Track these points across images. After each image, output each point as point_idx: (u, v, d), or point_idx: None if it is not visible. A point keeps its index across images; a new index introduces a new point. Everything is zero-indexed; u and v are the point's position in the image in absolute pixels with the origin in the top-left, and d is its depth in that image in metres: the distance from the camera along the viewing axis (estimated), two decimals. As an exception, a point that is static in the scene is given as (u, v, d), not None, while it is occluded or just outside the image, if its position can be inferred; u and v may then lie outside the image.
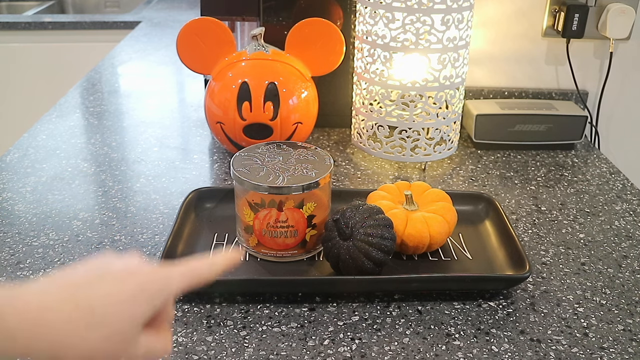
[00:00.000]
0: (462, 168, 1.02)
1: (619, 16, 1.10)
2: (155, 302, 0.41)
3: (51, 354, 0.37)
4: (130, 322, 0.40)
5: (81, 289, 0.39)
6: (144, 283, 0.41)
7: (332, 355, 0.61)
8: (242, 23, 1.10)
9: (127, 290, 0.40)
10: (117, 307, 0.39)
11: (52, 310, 0.37)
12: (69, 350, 0.37)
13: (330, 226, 0.71)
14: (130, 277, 0.41)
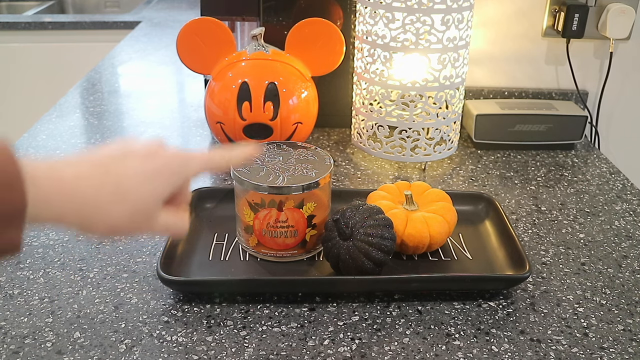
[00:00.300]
0: (462, 168, 1.02)
1: (619, 16, 1.10)
2: (174, 181, 0.45)
3: (80, 222, 0.41)
4: (151, 198, 0.43)
5: (110, 166, 0.42)
6: (165, 163, 0.44)
7: (332, 355, 0.61)
8: (242, 23, 1.10)
9: (149, 169, 0.43)
10: (140, 184, 0.42)
11: (85, 182, 0.40)
12: (96, 220, 0.41)
13: (330, 226, 0.71)
14: (152, 157, 0.44)
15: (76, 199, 0.40)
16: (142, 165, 0.43)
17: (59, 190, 0.39)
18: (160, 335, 0.63)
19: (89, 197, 0.41)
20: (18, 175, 0.37)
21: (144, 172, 0.43)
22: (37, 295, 0.69)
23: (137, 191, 0.43)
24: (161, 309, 0.67)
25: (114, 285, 0.71)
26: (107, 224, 0.42)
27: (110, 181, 0.41)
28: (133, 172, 0.43)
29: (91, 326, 0.64)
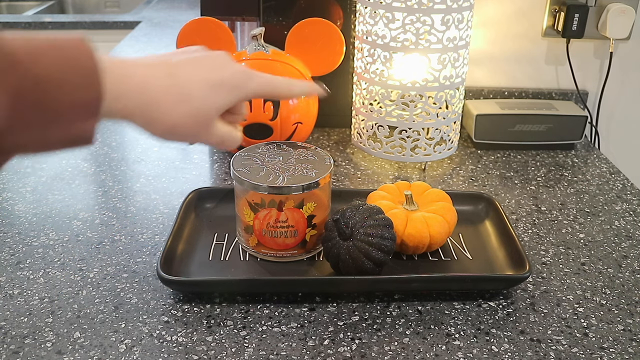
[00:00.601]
0: (462, 168, 1.02)
1: (619, 16, 1.10)
2: (235, 95, 0.48)
3: (144, 120, 0.43)
4: (212, 106, 0.46)
5: (178, 70, 0.45)
6: (230, 76, 0.48)
7: (332, 355, 0.61)
8: (242, 23, 1.10)
9: (215, 79, 0.47)
10: (204, 91, 0.45)
11: (153, 82, 0.43)
12: (159, 120, 0.44)
13: (330, 226, 0.71)
14: (218, 68, 0.47)
15: (144, 97, 0.42)
16: (209, 74, 0.46)
17: (130, 87, 0.41)
18: (160, 335, 0.63)
19: (156, 97, 0.43)
20: (96, 70, 0.38)
21: (210, 80, 0.46)
22: (37, 295, 0.69)
23: (200, 98, 0.45)
24: (161, 309, 0.67)
25: (114, 285, 0.71)
26: (168, 124, 0.44)
27: (177, 84, 0.44)
28: (199, 78, 0.46)
29: (91, 326, 0.64)
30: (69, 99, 0.37)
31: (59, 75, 0.36)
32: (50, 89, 0.36)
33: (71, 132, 0.38)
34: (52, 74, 0.36)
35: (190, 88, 0.45)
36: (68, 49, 0.37)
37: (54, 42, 0.37)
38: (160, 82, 0.44)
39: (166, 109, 0.44)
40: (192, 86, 0.45)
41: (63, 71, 0.36)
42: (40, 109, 0.36)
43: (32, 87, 0.35)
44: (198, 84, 0.46)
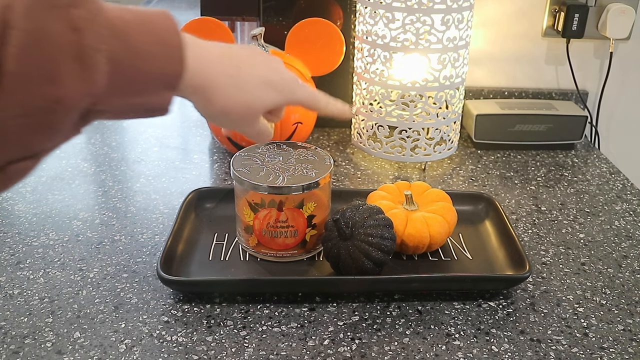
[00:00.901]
0: (462, 168, 1.02)
1: (619, 16, 1.10)
2: (282, 98, 0.53)
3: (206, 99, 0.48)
4: (262, 102, 0.52)
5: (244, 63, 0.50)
6: (282, 80, 0.53)
7: (332, 355, 0.61)
8: (242, 23, 1.10)
9: (270, 80, 0.52)
10: (259, 87, 0.51)
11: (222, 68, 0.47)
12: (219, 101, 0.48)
13: (330, 226, 0.71)
14: (275, 71, 0.53)
15: (212, 79, 0.47)
16: (266, 74, 0.52)
17: (203, 68, 0.46)
18: (160, 335, 0.63)
19: (221, 82, 0.48)
20: (181, 46, 0.41)
21: (266, 79, 0.52)
22: (37, 295, 0.69)
23: (255, 92, 0.51)
24: (161, 309, 0.67)
25: (114, 285, 0.71)
26: (225, 108, 0.49)
27: (240, 75, 0.49)
28: (257, 76, 0.51)
29: (91, 326, 0.64)
30: (155, 71, 0.40)
31: (150, 48, 0.39)
32: (141, 60, 0.38)
33: (151, 101, 0.41)
34: (143, 46, 0.38)
35: (250, 82, 0.50)
36: (157, 24, 0.40)
37: (145, 17, 0.39)
38: (227, 71, 0.48)
39: (226, 95, 0.48)
40: (252, 80, 0.50)
41: (153, 45, 0.39)
42: (130, 79, 0.38)
43: (127, 57, 0.37)
44: (256, 80, 0.51)
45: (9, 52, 0.30)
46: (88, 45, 0.34)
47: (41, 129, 0.33)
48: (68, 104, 0.33)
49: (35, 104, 0.32)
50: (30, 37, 0.31)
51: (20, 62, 0.31)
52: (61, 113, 0.33)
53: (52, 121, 0.33)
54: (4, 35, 0.30)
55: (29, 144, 0.33)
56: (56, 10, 0.33)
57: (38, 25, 0.32)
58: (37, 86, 0.32)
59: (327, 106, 0.59)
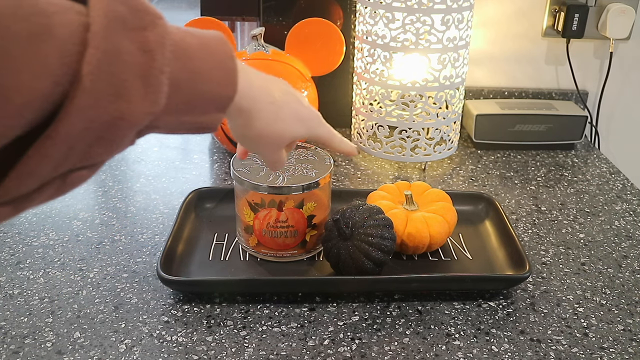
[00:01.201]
0: (462, 168, 1.02)
1: (619, 16, 1.10)
2: (305, 131, 0.57)
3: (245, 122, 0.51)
4: (290, 133, 0.55)
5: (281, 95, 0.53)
6: (309, 116, 0.57)
7: (332, 355, 0.61)
8: (242, 23, 1.10)
9: (302, 113, 0.56)
10: (293, 118, 0.54)
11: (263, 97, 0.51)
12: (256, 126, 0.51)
13: (330, 226, 0.71)
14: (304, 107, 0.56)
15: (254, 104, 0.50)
16: (298, 107, 0.55)
17: (249, 93, 0.49)
18: (160, 335, 0.63)
19: (261, 108, 0.51)
20: (235, 71, 0.44)
21: (298, 113, 0.55)
22: (37, 295, 0.69)
23: (287, 123, 0.54)
24: (161, 309, 0.67)
25: (114, 285, 0.71)
26: (260, 133, 0.52)
27: (277, 106, 0.52)
28: (292, 107, 0.54)
29: (91, 326, 0.64)
30: (211, 93, 0.42)
31: (208, 71, 0.41)
32: (199, 83, 0.41)
33: (202, 120, 0.43)
34: (202, 70, 0.41)
35: (286, 112, 0.54)
36: (216, 49, 0.42)
37: (205, 41, 0.42)
38: (267, 99, 0.51)
39: (265, 121, 0.52)
40: (287, 111, 0.54)
41: (211, 69, 0.42)
42: (187, 99, 0.41)
43: (186, 79, 0.40)
44: (290, 112, 0.54)
45: (86, 70, 0.32)
46: (155, 67, 0.36)
47: (103, 142, 0.35)
48: (131, 121, 0.36)
49: (102, 119, 0.34)
50: (106, 57, 0.33)
51: (95, 80, 0.33)
52: (124, 129, 0.35)
53: (114, 136, 0.35)
54: (83, 55, 0.32)
55: (89, 156, 0.35)
56: (130, 32, 0.35)
57: (113, 46, 0.34)
58: (106, 103, 0.34)
59: (340, 144, 0.62)
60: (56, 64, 0.31)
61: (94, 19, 0.33)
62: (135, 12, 0.36)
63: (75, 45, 0.32)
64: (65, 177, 0.36)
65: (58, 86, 0.32)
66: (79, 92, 0.32)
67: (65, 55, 0.32)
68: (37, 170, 0.33)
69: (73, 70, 0.32)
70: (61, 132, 0.32)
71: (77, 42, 0.32)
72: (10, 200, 0.33)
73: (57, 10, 0.32)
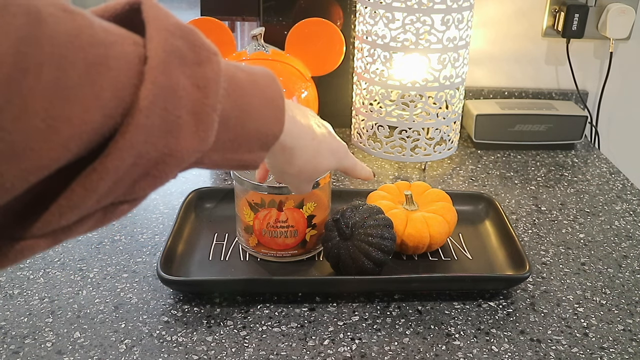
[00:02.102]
0: (462, 168, 1.02)
1: (619, 16, 1.10)
2: (335, 164, 0.58)
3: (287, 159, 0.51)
4: (325, 167, 0.56)
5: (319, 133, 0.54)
6: (339, 149, 0.58)
7: (332, 355, 0.61)
8: (242, 23, 1.10)
9: (334, 147, 0.57)
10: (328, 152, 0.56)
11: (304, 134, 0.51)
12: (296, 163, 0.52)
13: (330, 226, 0.71)
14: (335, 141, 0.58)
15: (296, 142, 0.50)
16: (331, 141, 0.56)
17: (293, 131, 0.48)
18: (160, 335, 0.63)
19: (303, 144, 0.51)
20: (283, 110, 0.44)
21: (331, 146, 0.56)
22: (37, 295, 0.69)
23: (324, 156, 0.55)
24: (161, 309, 0.67)
25: (114, 285, 0.71)
26: (300, 167, 0.53)
27: (316, 142, 0.53)
28: (327, 141, 0.55)
29: (91, 326, 0.64)
30: (257, 131, 0.41)
31: (258, 109, 0.41)
32: (246, 120, 0.40)
33: (245, 158, 0.42)
34: (252, 107, 0.40)
35: (323, 148, 0.55)
36: (266, 87, 0.42)
37: (255, 78, 0.41)
38: (309, 136, 0.52)
39: (305, 158, 0.52)
40: (324, 147, 0.55)
41: (261, 107, 0.41)
42: (234, 137, 0.39)
43: (235, 116, 0.39)
44: (326, 147, 0.55)
45: (141, 105, 0.31)
46: (208, 105, 0.35)
47: (149, 178, 0.34)
48: (180, 158, 0.34)
49: (151, 156, 0.33)
50: (162, 92, 0.32)
51: (149, 115, 0.31)
52: (171, 166, 0.34)
53: (161, 172, 0.34)
54: (139, 88, 0.31)
55: (133, 190, 0.34)
56: (187, 67, 0.34)
57: (170, 81, 0.32)
58: (157, 139, 0.32)
59: (362, 171, 0.63)
60: (109, 97, 0.30)
61: (151, 52, 0.32)
62: (192, 47, 0.34)
63: (131, 79, 0.31)
64: (107, 210, 0.35)
65: (109, 119, 0.30)
66: (132, 127, 0.31)
67: (120, 89, 0.30)
68: (80, 203, 0.31)
69: (127, 104, 0.31)
70: (109, 167, 0.31)
71: (133, 75, 0.31)
72: (49, 232, 0.32)
73: (115, 41, 0.31)
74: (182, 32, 0.34)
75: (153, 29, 0.33)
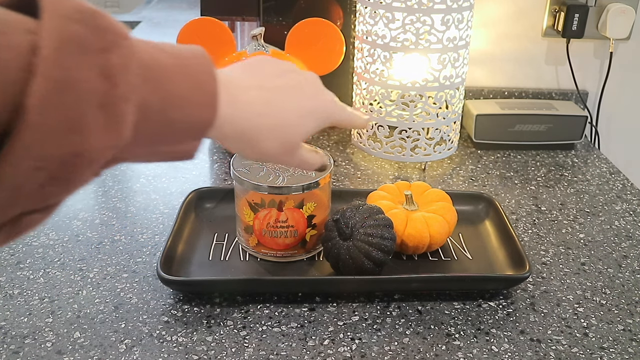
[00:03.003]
0: (462, 168, 1.02)
1: (619, 16, 1.10)
2: (321, 123, 0.49)
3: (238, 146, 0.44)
4: (301, 134, 0.47)
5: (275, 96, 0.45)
6: (319, 106, 0.49)
7: (332, 355, 0.61)
8: (242, 23, 1.10)
9: (307, 108, 0.47)
10: (297, 119, 0.46)
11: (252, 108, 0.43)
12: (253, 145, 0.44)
13: (330, 226, 0.71)
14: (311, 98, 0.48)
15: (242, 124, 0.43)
16: (301, 102, 0.47)
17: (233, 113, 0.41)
18: (160, 335, 0.63)
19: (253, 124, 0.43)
20: (216, 94, 0.38)
21: (302, 109, 0.47)
22: (37, 295, 0.69)
23: (292, 126, 0.46)
24: (161, 309, 0.67)
25: (114, 285, 0.71)
26: (260, 151, 0.45)
27: (272, 112, 0.44)
28: (292, 107, 0.46)
29: (91, 326, 0.64)
30: (186, 120, 0.37)
31: (184, 94, 0.36)
32: (172, 108, 0.36)
33: (177, 149, 0.39)
34: (177, 93, 0.36)
35: (284, 117, 0.45)
36: (194, 67, 0.37)
37: (181, 59, 0.37)
38: (257, 109, 0.44)
39: (260, 137, 0.44)
40: (286, 115, 0.46)
41: (187, 91, 0.36)
42: (157, 129, 0.36)
43: (157, 105, 0.35)
44: (291, 113, 0.46)
45: (31, 103, 0.27)
46: (118, 96, 0.31)
47: (58, 182, 0.31)
48: (89, 157, 0.31)
49: (54, 157, 0.29)
50: (57, 86, 0.28)
51: (43, 113, 0.28)
52: (81, 166, 0.31)
53: (71, 174, 0.31)
54: (28, 83, 0.28)
55: (43, 197, 0.31)
56: (87, 55, 0.30)
57: (67, 73, 0.29)
58: (58, 139, 0.29)
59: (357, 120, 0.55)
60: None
61: (44, 42, 0.28)
62: (96, 31, 0.30)
63: (20, 72, 0.27)
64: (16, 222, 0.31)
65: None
66: (24, 128, 0.27)
67: (9, 84, 0.27)
68: None
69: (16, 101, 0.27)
70: (6, 173, 0.28)
71: (23, 68, 0.27)
72: None
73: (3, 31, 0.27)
74: (82, 16, 0.30)
75: (47, 14, 0.29)
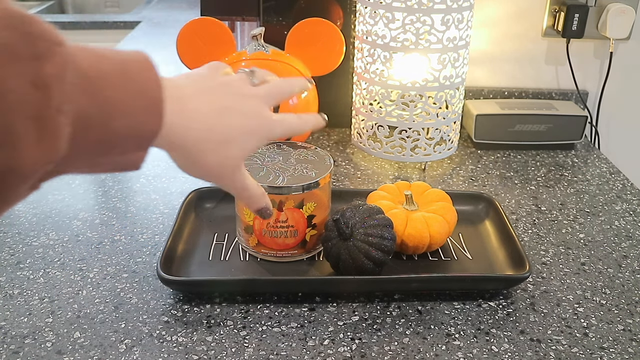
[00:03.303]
0: (462, 168, 1.02)
1: (619, 16, 1.10)
2: (261, 143, 0.48)
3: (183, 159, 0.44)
4: (242, 151, 0.46)
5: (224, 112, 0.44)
6: (260, 125, 0.47)
7: (332, 355, 0.61)
8: (242, 23, 1.10)
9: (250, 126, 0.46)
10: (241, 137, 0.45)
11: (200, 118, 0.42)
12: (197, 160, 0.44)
13: (330, 226, 0.71)
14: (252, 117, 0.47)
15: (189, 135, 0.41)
16: (244, 123, 0.46)
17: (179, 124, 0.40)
18: (160, 335, 0.63)
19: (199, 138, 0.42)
20: (160, 102, 0.37)
21: (246, 127, 0.46)
22: (37, 295, 0.69)
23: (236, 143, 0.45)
24: (161, 309, 0.67)
25: (114, 285, 0.71)
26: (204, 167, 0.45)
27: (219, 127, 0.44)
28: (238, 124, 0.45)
29: (91, 326, 0.64)
30: (129, 130, 0.35)
31: (126, 102, 0.35)
32: (114, 117, 0.34)
33: (121, 160, 0.37)
34: (118, 101, 0.34)
35: (229, 133, 0.45)
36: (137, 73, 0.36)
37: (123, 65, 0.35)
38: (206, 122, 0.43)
39: (205, 151, 0.44)
40: (230, 131, 0.45)
41: (130, 100, 0.35)
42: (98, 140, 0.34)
43: (97, 116, 0.33)
44: (235, 130, 0.45)
45: None
46: (52, 106, 0.29)
47: None
48: (22, 172, 0.29)
49: None
50: None
51: None
52: (13, 183, 0.29)
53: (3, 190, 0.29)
54: None
55: None
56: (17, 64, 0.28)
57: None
58: None
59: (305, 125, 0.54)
60: None
61: None
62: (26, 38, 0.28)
63: None
64: None
65: None
66: None
67: None
68: None
69: None
70: None
71: None
72: None
73: None
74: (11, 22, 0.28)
75: None
